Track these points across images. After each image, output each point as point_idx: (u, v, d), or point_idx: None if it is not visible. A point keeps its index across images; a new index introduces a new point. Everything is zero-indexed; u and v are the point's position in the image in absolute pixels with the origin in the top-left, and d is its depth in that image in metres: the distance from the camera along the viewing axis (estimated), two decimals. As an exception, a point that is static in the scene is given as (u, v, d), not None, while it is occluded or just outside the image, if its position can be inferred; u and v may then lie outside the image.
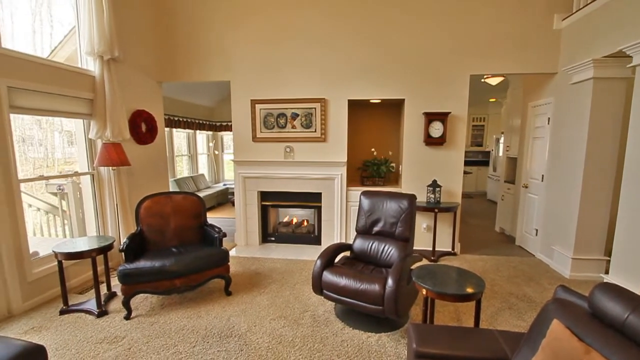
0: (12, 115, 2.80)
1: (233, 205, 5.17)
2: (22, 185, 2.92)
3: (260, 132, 4.46)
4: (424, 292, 2.15)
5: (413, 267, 2.60)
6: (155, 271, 2.75)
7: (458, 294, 2.05)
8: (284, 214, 5.11)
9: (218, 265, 3.05)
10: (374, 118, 4.95)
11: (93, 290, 2.96)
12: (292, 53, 4.27)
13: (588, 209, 3.45)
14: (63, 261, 2.80)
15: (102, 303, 2.89)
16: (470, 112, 8.81)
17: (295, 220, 5.04)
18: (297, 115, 4.36)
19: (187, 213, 3.34)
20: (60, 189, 4.47)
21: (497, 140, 8.02)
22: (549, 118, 4.07)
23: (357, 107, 4.73)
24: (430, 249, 4.18)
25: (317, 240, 4.68)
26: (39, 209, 4.52)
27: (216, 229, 3.25)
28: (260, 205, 4.70)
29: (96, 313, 2.78)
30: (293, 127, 4.39)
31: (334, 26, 4.16)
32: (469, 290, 2.08)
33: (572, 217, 3.55)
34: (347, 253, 3.16)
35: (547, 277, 3.60)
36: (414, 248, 3.18)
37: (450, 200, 4.23)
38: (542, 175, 4.19)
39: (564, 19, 3.72)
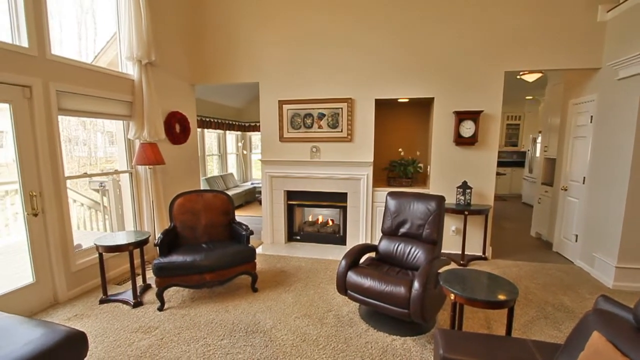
0: (59, 117, 3.02)
1: (260, 203, 5.29)
2: (68, 182, 3.15)
3: (287, 132, 4.52)
4: (452, 296, 2.09)
5: (441, 270, 2.54)
6: (186, 265, 2.87)
7: (489, 300, 1.97)
8: (309, 213, 5.15)
9: (245, 262, 3.13)
10: (401, 118, 4.86)
11: (130, 282, 3.14)
12: (319, 53, 4.29)
13: (635, 213, 3.20)
14: (103, 254, 3.00)
15: (138, 294, 3.06)
16: (505, 111, 8.42)
17: (320, 220, 5.07)
18: (324, 115, 4.38)
19: (217, 210, 3.45)
20: (101, 186, 4.78)
21: (534, 139, 7.61)
22: (591, 116, 3.81)
23: (384, 107, 4.67)
24: (459, 252, 4.05)
25: (342, 241, 4.68)
26: (82, 204, 4.86)
27: (244, 227, 3.34)
28: (287, 204, 4.76)
29: (132, 303, 2.95)
30: (319, 127, 4.41)
31: (362, 26, 4.13)
32: (501, 297, 2.00)
33: (617, 222, 3.30)
34: (373, 254, 3.14)
35: (587, 286, 3.38)
36: (442, 251, 3.10)
37: (481, 203, 4.08)
38: (584, 178, 3.92)
39: (609, 11, 3.47)
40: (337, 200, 4.60)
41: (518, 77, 4.99)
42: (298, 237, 4.88)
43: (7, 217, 4.83)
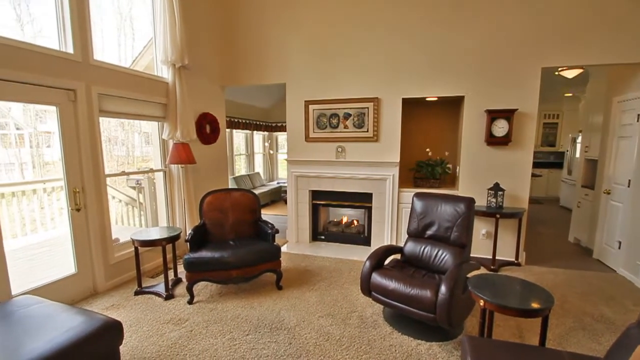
0: (100, 118, 3.22)
1: (285, 203, 5.36)
2: (108, 180, 3.36)
3: (313, 132, 4.55)
4: (482, 303, 2.01)
5: (469, 275, 2.45)
6: (214, 261, 2.96)
7: (521, 308, 1.88)
8: (334, 213, 5.15)
9: (270, 259, 3.18)
10: (429, 117, 4.75)
11: (162, 275, 3.29)
12: (346, 53, 4.28)
13: (691, 221, 2.92)
14: (139, 248, 3.16)
15: (170, 287, 3.20)
16: (542, 109, 7.98)
17: (345, 220, 5.06)
18: (350, 115, 4.36)
19: (244, 209, 3.54)
20: (138, 184, 5.05)
21: (574, 139, 7.15)
22: (638, 115, 3.53)
23: (411, 106, 4.58)
24: (490, 257, 3.89)
25: (366, 241, 4.64)
26: (120, 201, 5.15)
27: (269, 225, 3.40)
28: (311, 203, 4.79)
29: (164, 296, 3.09)
30: (345, 127, 4.40)
31: (388, 24, 4.07)
32: (535, 305, 1.90)
33: (669, 230, 3.04)
34: (398, 256, 3.09)
35: (632, 297, 3.13)
36: (471, 255, 2.99)
37: (514, 206, 3.89)
38: (629, 180, 3.64)
39: (663, -1, 3.19)
40: (362, 200, 4.56)
41: (556, 73, 4.72)
42: (322, 237, 4.89)
43: (53, 212, 5.21)
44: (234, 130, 7.79)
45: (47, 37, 2.96)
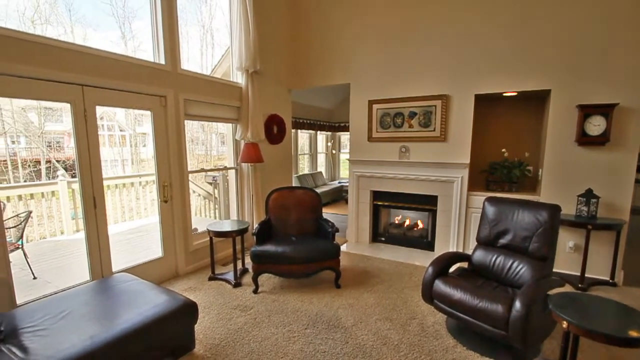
0: (185, 121, 3.62)
1: (346, 202, 5.39)
2: (190, 176, 3.76)
3: (376, 131, 4.49)
4: (565, 325, 1.78)
5: (551, 292, 2.18)
6: (278, 255, 3.13)
7: (616, 335, 1.61)
8: (395, 214, 5.01)
9: (330, 257, 3.24)
10: (505, 114, 4.32)
11: (232, 265, 3.57)
12: (411, 49, 4.13)
13: None
14: (213, 238, 3.49)
15: (238, 276, 3.47)
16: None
17: (407, 223, 4.89)
18: (415, 114, 4.20)
19: (306, 207, 3.66)
20: (214, 180, 5.57)
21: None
22: None
23: (484, 103, 4.23)
24: (578, 274, 3.40)
25: (429, 246, 4.42)
26: (199, 195, 5.73)
27: (330, 224, 3.46)
28: (372, 204, 4.73)
29: (233, 283, 3.36)
30: (410, 126, 4.25)
31: (460, 16, 3.81)
32: (634, 333, 1.61)
33: None
34: (464, 264, 2.88)
35: None
36: (554, 270, 2.66)
37: (612, 216, 3.34)
38: None
39: None
40: (426, 203, 4.36)
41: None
42: (383, 239, 4.80)
43: (146, 202, 6.02)
44: (299, 131, 8.07)
45: (144, 50, 3.44)
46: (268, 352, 2.32)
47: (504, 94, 3.89)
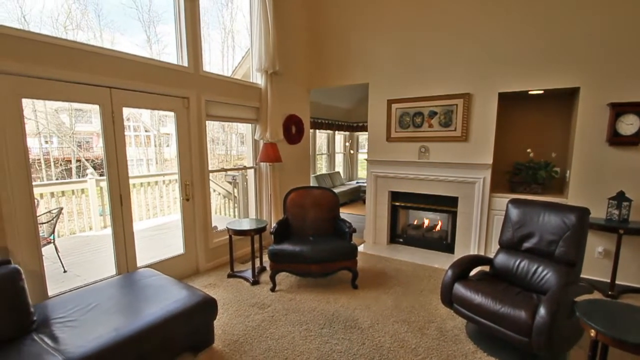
0: (206, 122, 3.71)
1: (364, 202, 5.35)
2: (210, 175, 3.85)
3: (395, 131, 4.43)
4: (593, 333, 1.70)
5: (578, 299, 2.09)
6: (295, 254, 3.15)
7: (649, 347, 1.53)
8: (414, 216, 4.94)
9: (347, 258, 3.23)
10: (530, 113, 4.16)
11: (250, 263, 3.63)
12: (432, 47, 4.05)
13: None
14: (232, 236, 3.55)
15: (256, 274, 3.52)
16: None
17: (426, 224, 4.80)
18: (436, 113, 4.12)
19: (324, 206, 3.66)
20: (233, 179, 5.67)
21: None
22: None
23: (508, 101, 4.09)
24: (608, 280, 3.23)
25: (449, 248, 4.33)
26: (219, 194, 5.85)
27: (347, 224, 3.45)
28: (391, 205, 4.68)
29: (251, 281, 3.41)
30: (430, 125, 4.17)
31: (484, 10, 3.71)
32: (670, 346, 1.52)
33: None
34: (486, 268, 2.81)
35: None
36: (581, 276, 2.54)
37: (647, 221, 3.16)
38: None
39: None
40: (446, 204, 4.27)
41: None
42: (401, 240, 4.74)
43: (169, 201, 6.20)
44: (317, 131, 8.08)
45: (168, 53, 3.55)
46: (285, 350, 2.34)
47: (530, 92, 3.75)
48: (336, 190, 7.44)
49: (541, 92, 3.71)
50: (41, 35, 2.40)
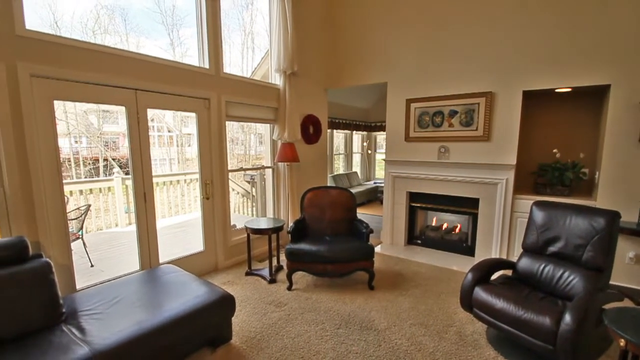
0: (226, 122, 3.78)
1: (381, 203, 5.29)
2: (229, 174, 3.92)
3: (414, 131, 4.37)
4: (622, 343, 1.62)
5: (606, 306, 2.00)
6: (312, 254, 3.16)
7: (686, 360, 1.44)
8: (432, 217, 4.85)
9: (364, 258, 3.21)
10: (557, 112, 4.00)
11: (267, 261, 3.67)
12: (452, 45, 3.96)
13: None
14: (250, 234, 3.61)
15: (273, 272, 3.56)
16: None
17: (445, 226, 4.70)
18: (456, 112, 4.03)
19: (341, 206, 3.66)
20: (252, 179, 5.75)
21: None
22: None
23: (533, 99, 3.95)
24: (639, 288, 3.07)
25: (469, 251, 4.22)
26: (238, 193, 5.95)
27: (364, 224, 3.43)
28: (408, 205, 4.62)
29: (268, 280, 3.45)
30: (450, 125, 4.08)
31: (507, 5, 3.59)
32: None
33: None
34: (508, 272, 2.72)
35: None
36: (610, 282, 2.42)
37: (685, 226, 2.97)
38: None
39: None
40: (466, 206, 4.17)
41: None
42: (419, 241, 4.67)
43: (190, 199, 6.37)
44: (335, 131, 8.07)
45: (190, 56, 3.65)
46: (301, 348, 2.36)
47: (556, 90, 3.60)
48: (353, 191, 7.41)
49: (568, 90, 3.55)
50: (72, 40, 2.51)
